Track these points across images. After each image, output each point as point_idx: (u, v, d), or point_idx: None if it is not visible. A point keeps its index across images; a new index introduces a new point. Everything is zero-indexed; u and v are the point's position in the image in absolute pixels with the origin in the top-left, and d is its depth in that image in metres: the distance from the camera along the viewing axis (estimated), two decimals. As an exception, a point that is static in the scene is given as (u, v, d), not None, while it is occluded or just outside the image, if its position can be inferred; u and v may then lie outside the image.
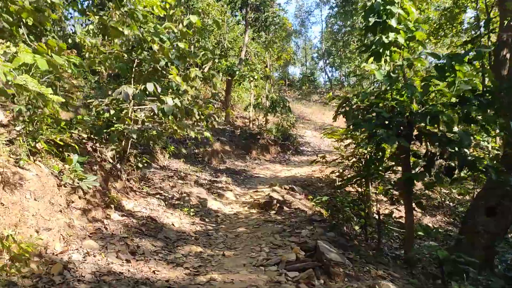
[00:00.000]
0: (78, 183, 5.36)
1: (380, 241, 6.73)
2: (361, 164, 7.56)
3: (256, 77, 17.40)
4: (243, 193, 9.89)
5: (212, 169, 12.72)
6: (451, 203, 11.43)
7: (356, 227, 8.12)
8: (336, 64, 36.45)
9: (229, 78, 16.93)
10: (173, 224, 6.40)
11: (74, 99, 8.73)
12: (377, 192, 8.28)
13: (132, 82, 7.81)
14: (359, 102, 6.31)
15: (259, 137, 16.61)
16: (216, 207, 8.15)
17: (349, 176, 7.66)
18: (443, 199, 11.35)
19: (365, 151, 7.00)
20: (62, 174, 5.39)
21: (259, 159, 15.31)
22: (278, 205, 7.92)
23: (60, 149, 5.90)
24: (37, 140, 5.25)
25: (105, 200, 6.27)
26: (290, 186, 10.26)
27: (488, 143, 9.06)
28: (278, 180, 11.67)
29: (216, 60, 15.65)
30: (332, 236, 5.84)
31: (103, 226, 5.58)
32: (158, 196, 7.86)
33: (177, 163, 12.10)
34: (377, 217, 6.83)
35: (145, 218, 6.39)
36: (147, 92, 7.27)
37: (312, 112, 25.25)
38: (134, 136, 7.06)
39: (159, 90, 7.09)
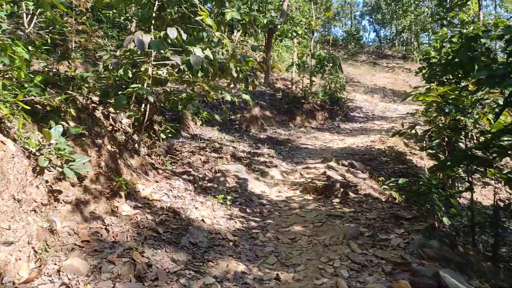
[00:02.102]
0: (62, 168, 3.64)
1: (497, 248, 4.73)
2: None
3: (300, 32, 15.13)
4: (290, 169, 8.02)
5: (252, 139, 10.89)
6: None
7: (445, 219, 6.12)
8: (385, 21, 33.10)
9: (269, 33, 14.76)
10: (203, 220, 4.63)
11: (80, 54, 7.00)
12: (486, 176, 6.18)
13: (152, 30, 5.99)
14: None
15: (303, 101, 14.54)
16: (259, 190, 6.34)
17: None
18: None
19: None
20: (40, 154, 3.67)
21: (305, 127, 13.31)
22: (342, 189, 6.01)
23: (44, 115, 4.18)
24: None
25: (112, 186, 4.56)
26: (349, 161, 8.29)
27: None
28: (331, 153, 9.71)
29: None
30: (437, 246, 3.89)
31: (104, 227, 3.88)
32: (185, 176, 6.12)
33: (210, 132, 10.35)
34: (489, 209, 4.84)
35: (165, 210, 4.66)
36: (169, 41, 5.43)
37: (361, 74, 22.73)
38: (151, 99, 5.27)
39: (184, 37, 5.20)
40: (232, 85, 6.51)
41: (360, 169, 8.07)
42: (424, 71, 8.80)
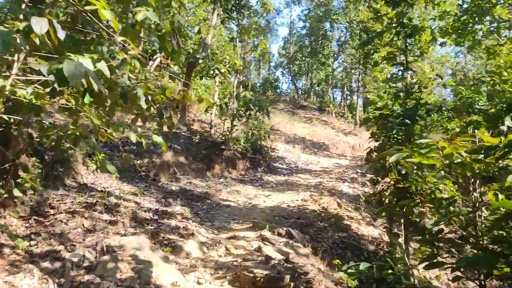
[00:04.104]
0: None
1: None
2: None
3: (223, 71, 13.56)
4: (212, 239, 5.97)
5: (161, 191, 8.70)
6: None
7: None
8: (301, 72, 33.37)
9: (189, 68, 12.96)
10: None
11: None
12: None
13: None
14: None
15: (223, 147, 12.74)
16: (169, 281, 4.20)
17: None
18: None
19: None
20: None
21: (224, 177, 11.42)
22: (292, 284, 4.12)
23: None
24: None
25: None
26: (285, 228, 6.50)
27: None
28: (258, 213, 7.89)
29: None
30: None
31: None
32: (47, 262, 3.79)
33: (107, 180, 8.00)
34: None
35: None
36: (38, 42, 3.32)
37: (281, 122, 21.73)
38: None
39: (62, 35, 3.11)
40: (141, 122, 4.46)
41: (300, 240, 6.31)
42: (371, 124, 7.55)
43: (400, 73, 7.28)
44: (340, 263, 5.27)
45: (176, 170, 10.25)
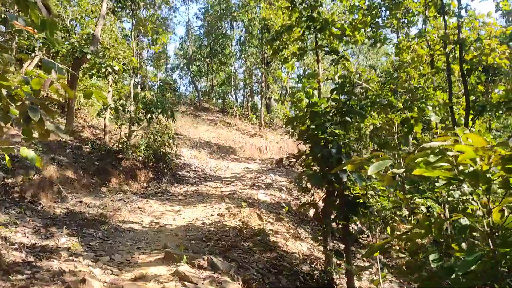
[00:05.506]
0: None
1: None
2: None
3: (117, 68, 11.76)
4: (111, 285, 4.47)
5: (41, 217, 6.85)
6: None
7: None
8: (202, 74, 32.02)
9: (75, 64, 10.95)
10: None
11: None
12: None
13: None
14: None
15: (121, 156, 10.99)
16: None
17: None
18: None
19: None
20: None
21: (124, 192, 9.70)
22: None
23: None
24: None
25: None
26: (206, 257, 5.24)
27: None
28: (170, 237, 6.52)
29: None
30: None
31: None
32: None
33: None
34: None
35: None
36: None
37: (183, 126, 20.20)
38: None
39: None
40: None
41: (226, 271, 5.11)
42: (297, 124, 6.63)
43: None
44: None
45: (62, 188, 8.34)
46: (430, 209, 4.85)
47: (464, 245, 2.44)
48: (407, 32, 11.53)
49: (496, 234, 2.21)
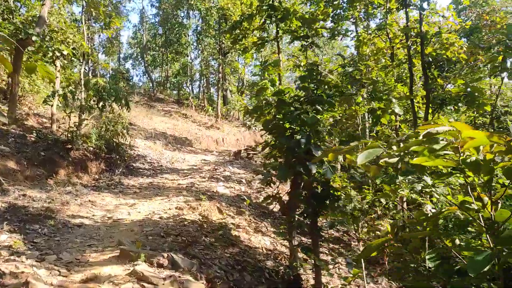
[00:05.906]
0: None
1: None
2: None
3: (66, 53, 10.96)
4: (59, 286, 4.01)
5: (-23, 212, 6.16)
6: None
7: None
8: (156, 63, 30.99)
9: (18, 48, 10.05)
10: None
11: None
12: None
13: None
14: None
15: (70, 146, 10.26)
16: None
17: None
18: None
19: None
20: None
21: (73, 184, 9.04)
22: None
23: None
24: None
25: None
26: (165, 254, 4.87)
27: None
28: (125, 233, 6.07)
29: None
30: None
31: None
32: None
33: None
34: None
35: None
36: None
37: (137, 116, 19.38)
38: None
39: None
40: None
41: (188, 269, 4.77)
42: (260, 113, 6.34)
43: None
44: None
45: (2, 179, 7.60)
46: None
47: (457, 241, 2.27)
48: (368, 24, 11.54)
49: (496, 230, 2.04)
